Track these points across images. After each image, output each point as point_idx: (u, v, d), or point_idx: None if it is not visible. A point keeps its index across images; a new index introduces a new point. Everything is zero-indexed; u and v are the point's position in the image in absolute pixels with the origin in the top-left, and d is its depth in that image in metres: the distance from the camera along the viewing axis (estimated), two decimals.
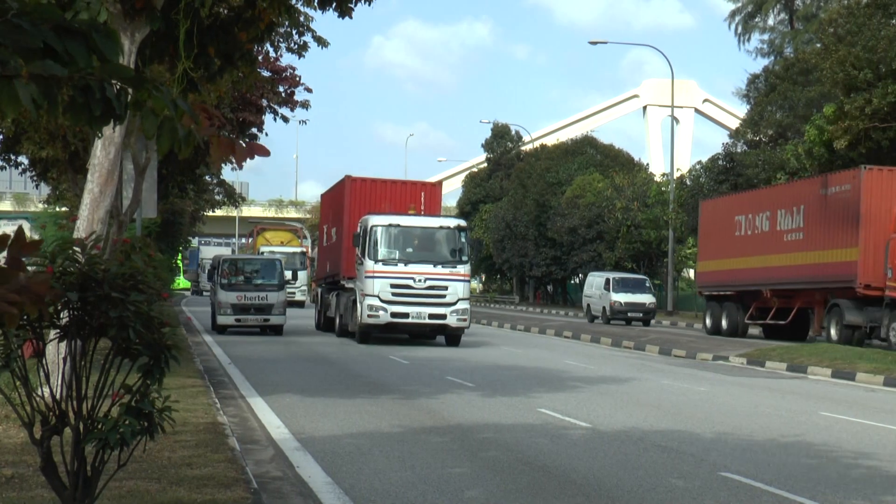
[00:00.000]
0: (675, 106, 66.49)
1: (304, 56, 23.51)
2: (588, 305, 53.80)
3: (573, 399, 18.18)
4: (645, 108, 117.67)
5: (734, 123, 76.67)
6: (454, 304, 30.63)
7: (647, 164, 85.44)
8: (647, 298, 51.21)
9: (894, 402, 19.65)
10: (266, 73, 30.30)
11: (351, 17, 17.82)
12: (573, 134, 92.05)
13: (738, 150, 53.93)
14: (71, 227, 20.89)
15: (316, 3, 17.79)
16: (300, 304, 63.43)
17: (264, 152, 5.33)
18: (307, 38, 23.21)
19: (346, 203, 34.78)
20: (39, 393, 7.13)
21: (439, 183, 38.02)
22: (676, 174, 59.05)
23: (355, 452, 12.06)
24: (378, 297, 30.31)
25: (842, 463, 12.32)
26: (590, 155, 77.33)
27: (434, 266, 30.52)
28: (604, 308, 51.29)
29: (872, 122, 37.99)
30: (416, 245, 31.06)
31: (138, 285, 6.88)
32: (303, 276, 66.89)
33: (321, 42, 23.22)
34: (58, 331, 6.91)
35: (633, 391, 20.03)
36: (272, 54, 29.24)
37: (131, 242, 7.27)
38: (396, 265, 30.43)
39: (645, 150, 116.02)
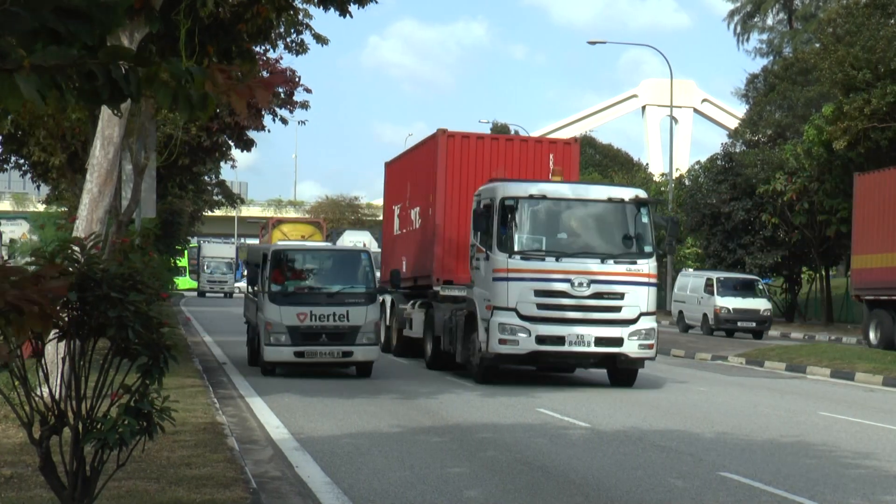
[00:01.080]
0: (674, 106, 66.48)
1: (305, 52, 23.51)
2: (681, 312, 44.24)
3: (572, 399, 18.18)
4: (644, 107, 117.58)
5: (733, 123, 76.68)
6: (634, 320, 19.97)
7: (646, 164, 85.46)
8: (760, 304, 41.84)
9: (893, 402, 19.65)
10: (265, 74, 30.30)
11: (351, 16, 17.88)
12: (572, 133, 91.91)
13: (737, 150, 53.92)
14: (70, 228, 20.90)
15: (316, 1, 17.82)
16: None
17: (281, 80, 5.29)
18: (306, 35, 23.26)
19: (441, 170, 24.02)
20: (38, 393, 7.13)
21: (575, 141, 25.71)
22: (675, 174, 59.05)
23: (354, 452, 12.06)
24: (516, 311, 19.53)
25: (840, 463, 12.33)
26: (589, 155, 77.36)
27: (603, 262, 19.90)
28: (704, 315, 42.04)
29: (871, 123, 38.00)
30: (573, 229, 20.66)
31: (137, 285, 6.88)
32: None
33: (321, 40, 23.24)
34: (57, 331, 6.91)
35: (632, 391, 20.03)
36: (272, 56, 29.25)
37: (130, 242, 7.28)
38: (544, 260, 19.69)
39: (644, 149, 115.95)
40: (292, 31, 22.97)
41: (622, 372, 20.82)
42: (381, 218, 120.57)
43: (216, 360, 24.15)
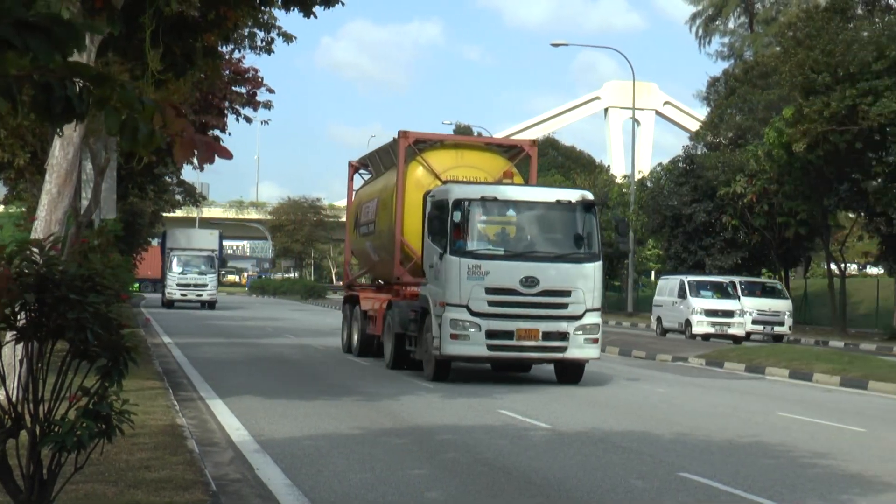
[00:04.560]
0: (637, 108, 66.76)
1: (272, 52, 23.56)
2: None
3: (533, 400, 18.22)
4: (606, 110, 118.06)
5: (695, 126, 77.09)
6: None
7: (609, 166, 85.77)
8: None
9: (850, 403, 19.82)
10: (228, 74, 30.18)
11: (315, 16, 17.81)
12: (535, 135, 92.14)
13: (699, 153, 54.23)
14: (29, 228, 20.73)
15: (280, 3, 17.77)
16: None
17: (227, 154, 5.30)
18: (273, 34, 23.24)
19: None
20: None
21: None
22: (637, 176, 59.30)
23: (315, 454, 12.04)
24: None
25: (798, 463, 12.42)
26: (551, 156, 77.62)
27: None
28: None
29: (830, 125, 38.30)
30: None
31: (97, 287, 6.84)
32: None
33: (287, 38, 23.25)
34: (14, 332, 6.86)
35: (593, 392, 20.10)
36: (236, 55, 29.14)
37: (89, 243, 7.24)
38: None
39: (606, 152, 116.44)
40: (259, 32, 22.94)
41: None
42: (343, 219, 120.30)
43: (176, 361, 24.06)
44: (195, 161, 5.31)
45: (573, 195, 21.22)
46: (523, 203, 21.08)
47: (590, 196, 21.38)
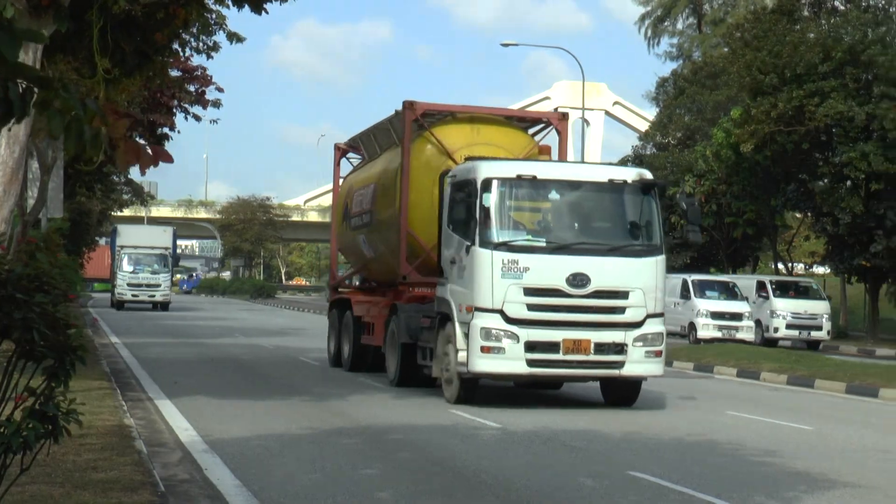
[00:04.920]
0: (586, 108, 67.02)
1: (212, 57, 23.38)
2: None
3: (485, 400, 18.22)
4: (556, 110, 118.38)
5: (644, 126, 77.53)
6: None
7: None
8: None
9: (797, 401, 20.00)
10: (177, 73, 29.98)
11: (267, 12, 17.71)
12: None
13: (647, 153, 54.53)
14: None
15: (230, 1, 17.65)
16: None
17: (168, 159, 5.26)
18: (219, 36, 23.08)
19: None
20: None
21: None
22: None
23: (265, 454, 11.99)
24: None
25: (747, 461, 12.51)
26: None
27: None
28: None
29: (778, 126, 38.63)
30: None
31: (44, 286, 6.76)
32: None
33: (236, 38, 23.07)
34: None
35: (543, 392, 20.14)
36: (185, 53, 28.96)
37: (36, 243, 7.16)
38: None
39: (556, 151, 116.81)
40: (203, 36, 22.79)
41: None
42: (294, 218, 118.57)
43: (124, 361, 23.87)
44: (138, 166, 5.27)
45: (628, 173, 17.84)
46: (568, 183, 17.46)
47: (648, 175, 17.88)
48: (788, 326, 37.68)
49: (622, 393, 17.97)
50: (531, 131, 21.63)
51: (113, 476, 9.59)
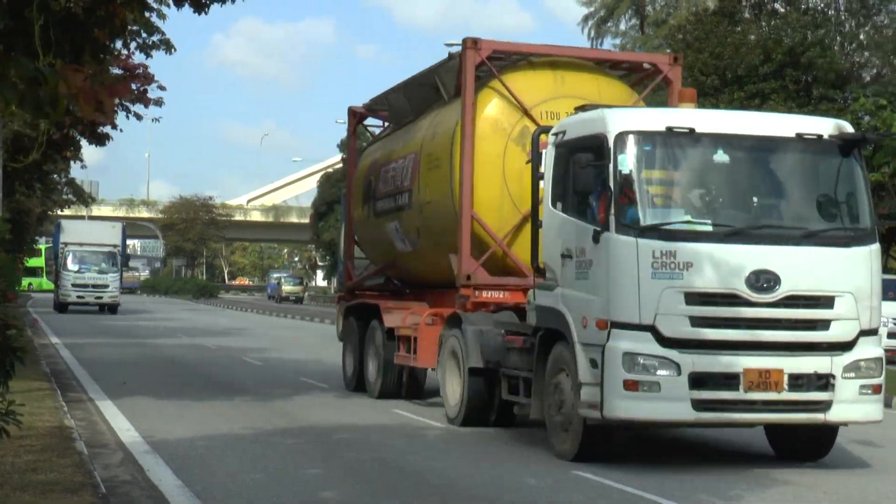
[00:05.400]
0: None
1: (151, 56, 23.19)
2: None
3: (427, 399, 18.22)
4: None
5: None
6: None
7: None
8: None
9: None
10: (118, 71, 29.73)
11: (206, 13, 17.57)
12: None
13: None
14: None
15: (171, 1, 17.53)
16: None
17: (125, 91, 5.22)
18: (156, 38, 22.92)
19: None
20: None
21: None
22: None
23: (208, 455, 11.91)
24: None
25: (690, 460, 12.58)
26: None
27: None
28: None
29: None
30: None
31: None
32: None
33: (168, 46, 22.92)
34: None
35: None
36: (125, 52, 28.70)
37: None
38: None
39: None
40: (143, 35, 22.61)
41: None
42: (237, 218, 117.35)
43: (65, 362, 23.64)
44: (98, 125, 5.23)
45: (824, 126, 12.37)
46: (740, 140, 12.11)
47: (848, 128, 12.55)
48: (890, 335, 25.59)
49: (807, 444, 12.65)
50: (632, 80, 16.92)
51: (53, 478, 9.49)
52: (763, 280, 11.54)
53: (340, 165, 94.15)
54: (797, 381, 11.60)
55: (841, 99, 37.83)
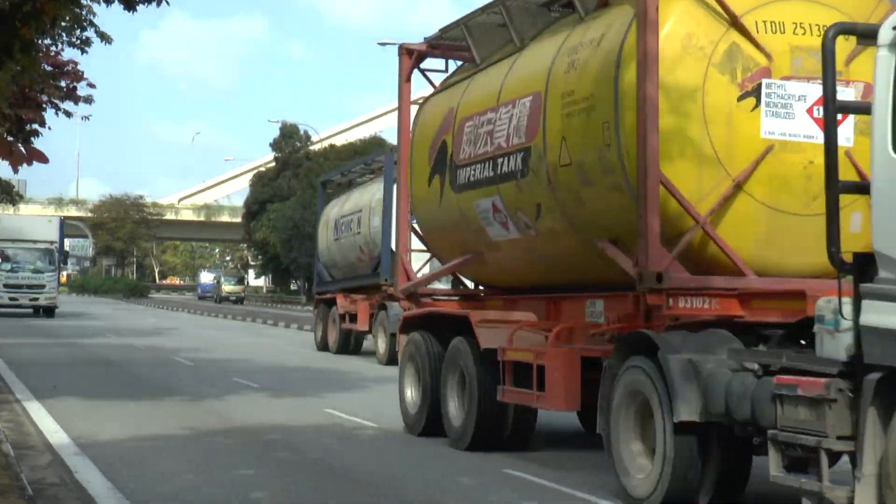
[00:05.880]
0: None
1: (86, 52, 22.90)
2: None
3: (360, 399, 18.21)
4: None
5: None
6: None
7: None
8: None
9: None
10: (48, 68, 29.38)
11: (136, 10, 17.39)
12: (362, 134, 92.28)
13: None
14: None
15: None
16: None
17: (43, 159, 5.15)
18: (90, 32, 22.64)
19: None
20: None
21: None
22: None
23: (138, 456, 11.80)
24: None
25: None
26: (333, 170, 77.57)
27: None
28: None
29: None
30: None
31: None
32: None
33: (104, 38, 22.65)
34: None
35: None
36: (56, 48, 28.37)
37: None
38: None
39: None
40: (75, 27, 22.34)
41: None
42: (168, 217, 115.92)
43: None
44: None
45: None
46: None
47: None
48: None
49: None
50: None
51: None
52: None
53: (273, 164, 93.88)
54: None
55: None
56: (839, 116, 8.37)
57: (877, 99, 7.71)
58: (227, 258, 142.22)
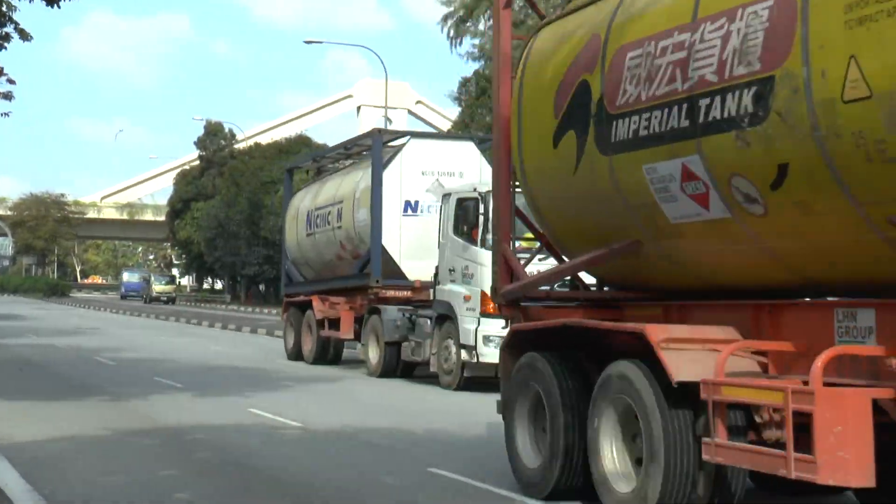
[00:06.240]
0: (389, 107, 67.27)
1: (5, 48, 22.57)
2: None
3: (285, 398, 18.12)
4: (359, 108, 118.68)
5: (446, 125, 78.28)
6: None
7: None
8: None
9: None
10: None
11: (59, 6, 17.23)
12: (287, 133, 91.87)
13: None
14: None
15: None
16: None
17: None
18: (9, 28, 22.31)
19: None
20: None
21: None
22: None
23: (59, 458, 11.65)
24: None
25: None
26: (304, 154, 77.26)
27: None
28: None
29: None
30: None
31: None
32: None
33: (24, 35, 22.34)
34: None
35: (346, 389, 20.14)
36: None
37: None
38: None
39: None
40: None
41: None
42: (90, 215, 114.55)
43: None
44: None
45: None
46: None
47: None
48: None
49: None
50: None
51: None
52: None
53: (197, 163, 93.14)
54: None
55: None
56: None
57: None
58: (151, 257, 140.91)
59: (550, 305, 10.94)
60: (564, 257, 11.10)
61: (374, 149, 23.72)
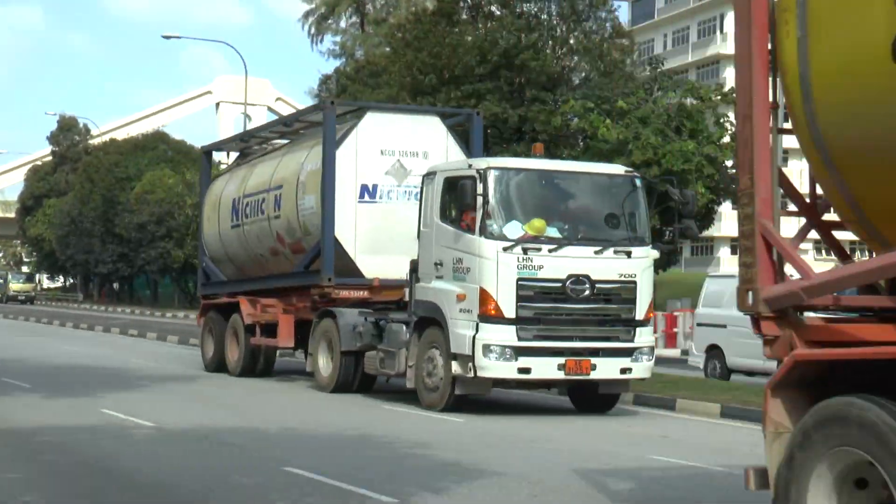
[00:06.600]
0: (249, 104, 66.59)
1: None
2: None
3: (138, 399, 17.80)
4: (218, 104, 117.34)
5: None
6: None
7: (219, 162, 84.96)
8: None
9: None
10: None
11: None
12: (144, 129, 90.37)
13: None
14: None
15: None
16: None
17: None
18: None
19: None
20: None
21: None
22: None
23: None
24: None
25: (399, 454, 12.70)
26: (161, 150, 76.11)
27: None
28: None
29: None
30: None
31: None
32: None
33: None
34: None
35: (200, 389, 19.88)
36: None
37: None
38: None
39: None
40: None
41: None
42: (5, 216, 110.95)
43: None
44: None
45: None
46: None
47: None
48: None
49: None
50: None
51: None
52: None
53: (50, 158, 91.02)
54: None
55: (552, 101, 39.03)
56: None
57: None
58: (0, 254, 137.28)
59: (839, 318, 7.19)
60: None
61: (327, 123, 19.87)
